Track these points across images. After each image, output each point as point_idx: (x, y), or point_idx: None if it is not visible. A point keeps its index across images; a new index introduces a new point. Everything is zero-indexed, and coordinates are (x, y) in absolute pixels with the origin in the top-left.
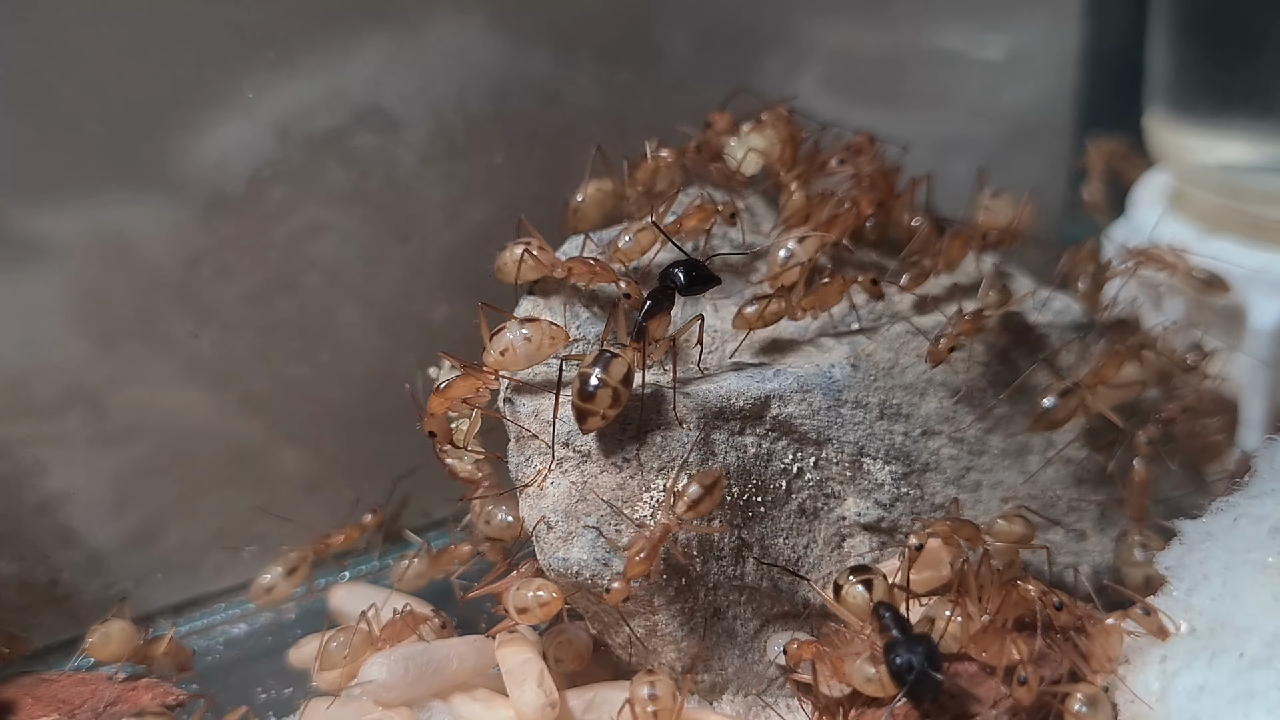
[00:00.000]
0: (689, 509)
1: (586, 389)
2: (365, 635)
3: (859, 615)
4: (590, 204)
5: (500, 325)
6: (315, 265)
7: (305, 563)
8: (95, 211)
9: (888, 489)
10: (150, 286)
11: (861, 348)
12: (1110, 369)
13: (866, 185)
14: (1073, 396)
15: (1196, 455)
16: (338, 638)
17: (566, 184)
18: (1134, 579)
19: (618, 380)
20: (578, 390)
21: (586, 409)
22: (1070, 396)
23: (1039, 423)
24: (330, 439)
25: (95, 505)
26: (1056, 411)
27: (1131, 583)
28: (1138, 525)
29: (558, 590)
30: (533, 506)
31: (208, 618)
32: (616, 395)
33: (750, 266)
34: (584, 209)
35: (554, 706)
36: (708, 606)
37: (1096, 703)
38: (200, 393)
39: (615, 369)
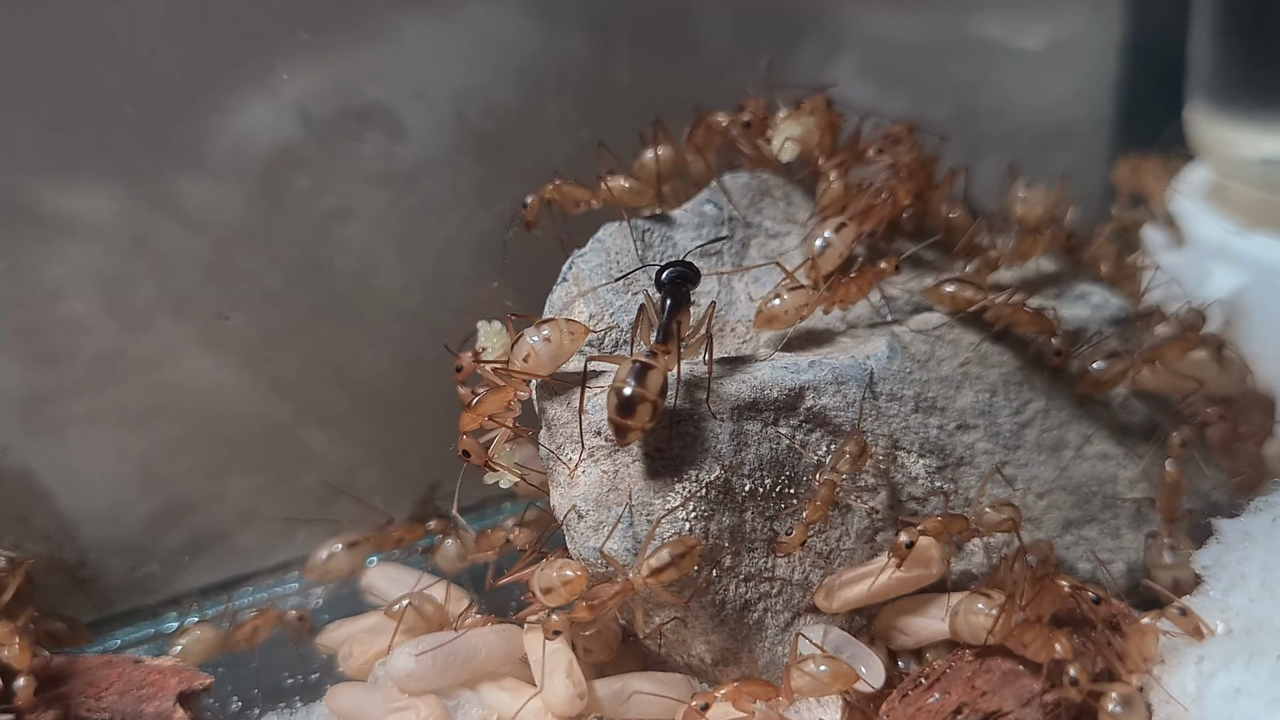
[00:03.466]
0: (652, 574)
1: (624, 404)
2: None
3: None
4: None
5: (519, 334)
6: (346, 247)
7: (366, 544)
8: (126, 191)
9: (922, 482)
10: (180, 267)
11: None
12: (1173, 351)
13: (904, 175)
14: (1121, 363)
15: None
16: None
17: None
18: (1163, 581)
19: (655, 393)
20: (615, 406)
21: (625, 425)
22: (1119, 362)
23: (1083, 382)
24: (360, 422)
25: (123, 486)
26: (1103, 374)
27: (1160, 586)
28: (1168, 527)
29: (582, 568)
30: (564, 495)
31: (236, 600)
32: (655, 407)
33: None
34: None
35: (582, 697)
36: (738, 599)
37: (1131, 703)
38: (230, 374)
39: (652, 381)
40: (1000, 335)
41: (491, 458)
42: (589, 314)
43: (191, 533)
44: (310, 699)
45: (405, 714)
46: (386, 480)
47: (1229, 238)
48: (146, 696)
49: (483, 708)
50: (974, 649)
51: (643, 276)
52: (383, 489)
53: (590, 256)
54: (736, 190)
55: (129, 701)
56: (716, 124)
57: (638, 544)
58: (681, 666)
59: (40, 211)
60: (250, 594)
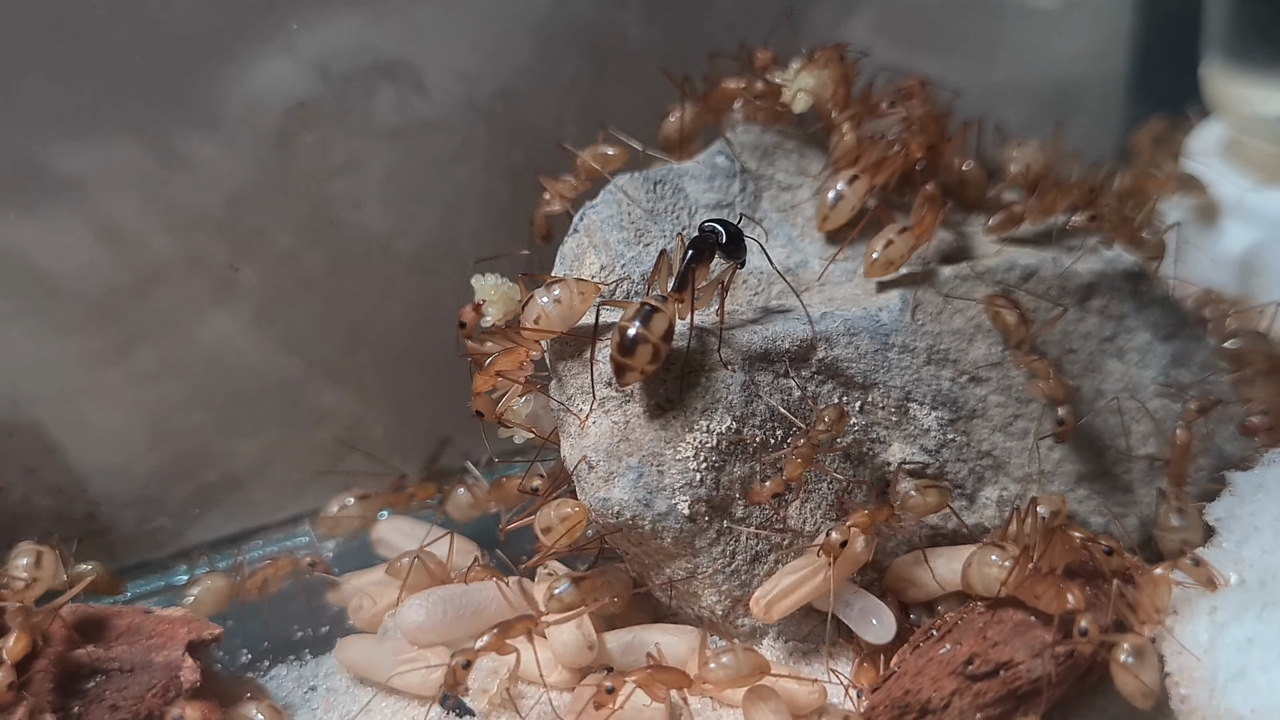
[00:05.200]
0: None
1: (626, 344)
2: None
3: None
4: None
5: (530, 294)
6: (357, 203)
7: (377, 498)
8: (136, 146)
9: (934, 435)
10: (192, 222)
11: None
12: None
13: (917, 129)
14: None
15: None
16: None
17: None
18: (1168, 545)
19: (659, 336)
20: (617, 344)
21: (625, 364)
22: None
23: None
24: (371, 377)
25: (133, 440)
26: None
27: (1166, 548)
28: (1175, 491)
29: (580, 505)
30: (574, 446)
31: (246, 554)
32: (656, 351)
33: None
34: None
35: (592, 648)
36: (748, 550)
37: (1143, 654)
38: (241, 329)
39: (656, 324)
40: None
41: (504, 414)
42: (600, 265)
43: (202, 486)
44: (320, 651)
45: (415, 665)
46: (398, 435)
47: (1245, 194)
48: (156, 646)
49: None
50: (986, 601)
51: (653, 228)
52: (394, 444)
53: (602, 207)
54: (749, 143)
55: (138, 651)
56: (730, 90)
57: (649, 494)
58: (692, 618)
59: (52, 168)
60: (260, 548)
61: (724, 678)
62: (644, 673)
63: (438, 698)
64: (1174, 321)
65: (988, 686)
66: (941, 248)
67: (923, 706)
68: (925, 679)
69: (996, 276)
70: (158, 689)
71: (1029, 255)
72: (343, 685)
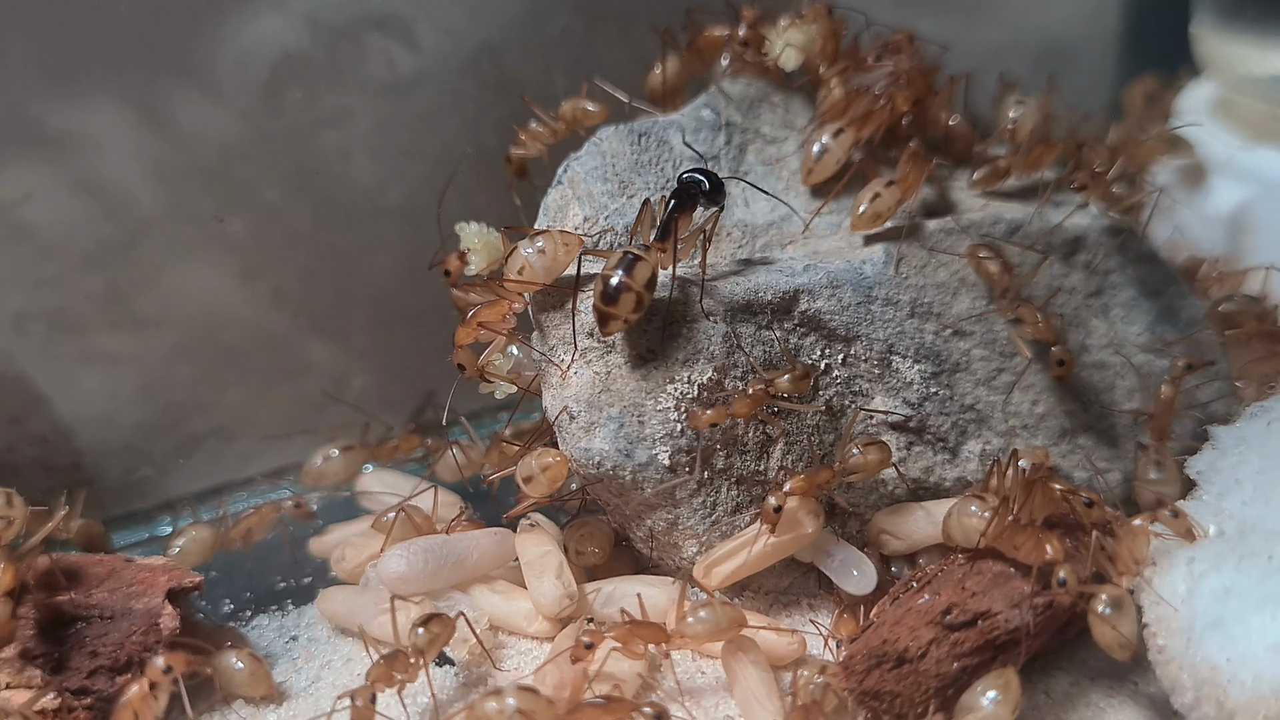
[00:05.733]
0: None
1: (609, 292)
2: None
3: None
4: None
5: (513, 246)
6: (345, 156)
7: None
8: (124, 100)
9: (916, 388)
10: (179, 175)
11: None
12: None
13: (904, 83)
14: None
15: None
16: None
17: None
18: (1145, 497)
19: (641, 284)
20: (600, 293)
21: (609, 313)
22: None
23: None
24: (357, 331)
25: (118, 391)
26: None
27: (1142, 501)
28: (1157, 445)
29: (561, 454)
30: (555, 396)
31: (230, 506)
32: (639, 300)
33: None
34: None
35: (572, 599)
36: (729, 501)
37: (1121, 605)
38: (228, 282)
39: (639, 272)
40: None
41: (486, 368)
42: (584, 216)
43: (187, 438)
44: (302, 602)
45: None
46: (383, 389)
47: (1235, 152)
48: (136, 594)
49: (474, 609)
50: (966, 553)
51: (637, 180)
52: (379, 398)
53: (586, 159)
54: (735, 95)
55: (119, 598)
56: (714, 38)
57: (630, 444)
58: (673, 569)
59: (40, 123)
60: (245, 499)
61: (701, 632)
62: (622, 628)
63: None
64: (1160, 278)
65: (965, 636)
66: (927, 202)
67: (900, 655)
68: (903, 629)
69: (982, 230)
70: (137, 635)
71: (1015, 210)
72: (324, 635)
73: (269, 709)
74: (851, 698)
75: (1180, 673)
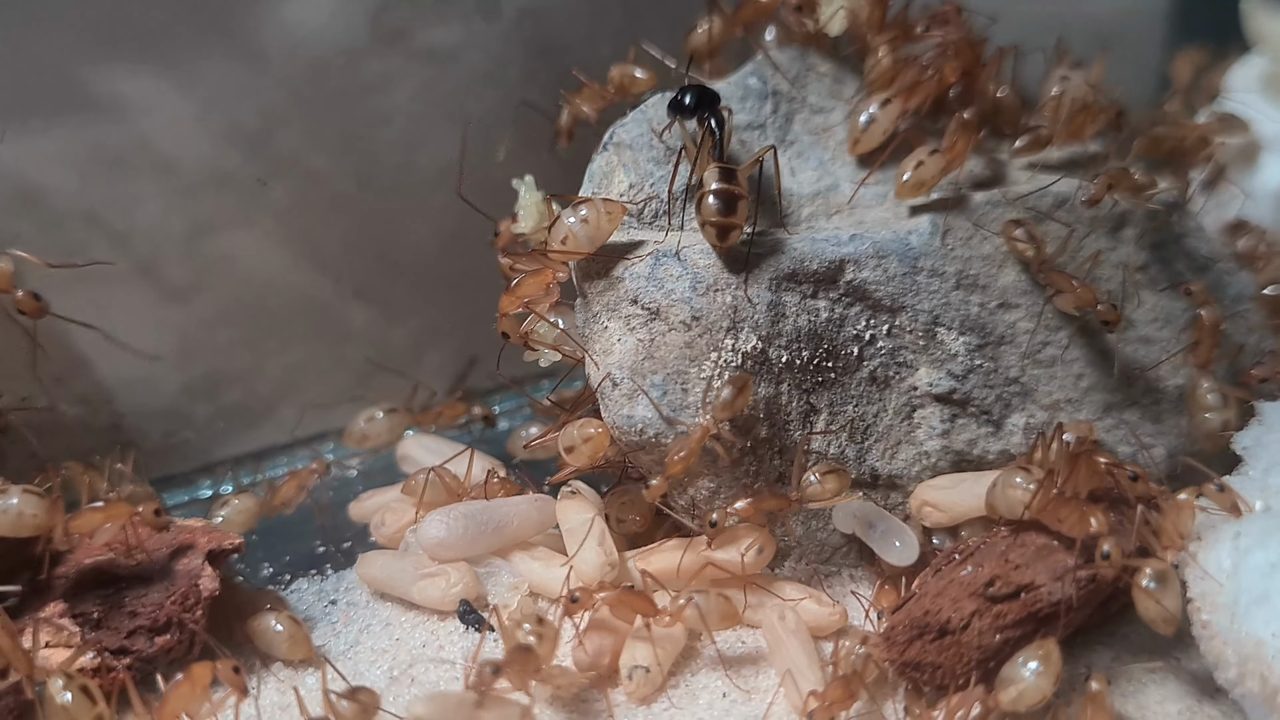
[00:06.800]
0: (724, 410)
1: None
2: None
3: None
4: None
5: (556, 215)
6: (388, 121)
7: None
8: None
9: (961, 360)
10: (223, 140)
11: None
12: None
13: (952, 54)
14: None
15: None
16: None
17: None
18: (1210, 427)
19: (745, 189)
20: (717, 208)
21: (730, 223)
22: None
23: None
24: (399, 297)
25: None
26: None
27: (1206, 431)
28: (1203, 373)
29: (602, 425)
30: (599, 364)
31: (269, 471)
32: (747, 205)
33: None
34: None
35: (613, 566)
36: (772, 471)
37: (1165, 579)
38: (271, 248)
39: (741, 177)
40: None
41: (530, 336)
42: (629, 183)
43: (228, 402)
44: (341, 567)
45: (435, 580)
46: (425, 355)
47: None
48: (176, 555)
49: (514, 576)
50: (1009, 525)
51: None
52: (421, 364)
53: (632, 126)
54: (782, 64)
55: (159, 558)
56: (763, 2)
57: (671, 412)
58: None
59: (90, 90)
60: (285, 464)
61: (691, 618)
62: (615, 594)
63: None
64: (1208, 253)
65: (1008, 608)
66: (974, 174)
67: (942, 626)
68: (945, 600)
69: (1029, 203)
70: (177, 597)
71: (1062, 183)
72: (363, 599)
73: (308, 672)
74: (892, 668)
75: (1224, 648)
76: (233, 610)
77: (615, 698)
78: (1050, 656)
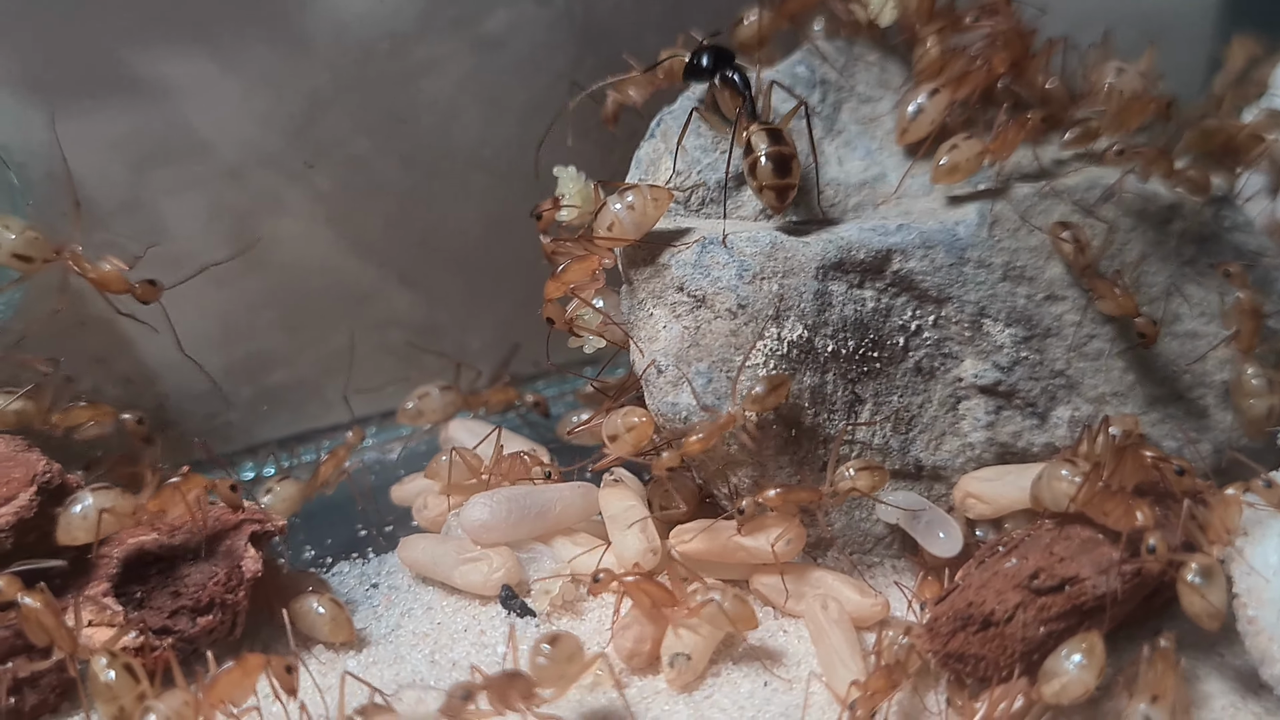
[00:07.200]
0: (754, 403)
1: (782, 163)
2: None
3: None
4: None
5: (602, 202)
6: (433, 106)
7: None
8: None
9: (1007, 352)
10: (269, 124)
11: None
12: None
13: (1001, 44)
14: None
15: None
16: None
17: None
18: (1255, 413)
19: (794, 148)
20: (772, 170)
21: (787, 184)
22: None
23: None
24: (442, 282)
25: (204, 336)
26: None
27: (1251, 417)
28: (1247, 357)
29: (646, 414)
30: (644, 350)
31: (310, 454)
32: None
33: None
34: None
35: (655, 553)
36: (817, 460)
37: (1211, 574)
38: (315, 232)
39: (787, 137)
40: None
41: (574, 321)
42: (676, 170)
43: (271, 385)
44: (383, 550)
45: (477, 564)
46: (468, 341)
47: None
48: (219, 536)
49: (555, 561)
50: (1054, 518)
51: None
52: (464, 350)
53: (680, 113)
54: (831, 54)
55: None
56: None
57: (718, 400)
58: None
59: (135, 74)
60: (326, 448)
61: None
62: (636, 578)
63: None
64: (1255, 247)
65: (1052, 601)
66: (1022, 165)
67: (986, 618)
68: (989, 591)
69: (1076, 196)
70: (220, 577)
71: (1110, 175)
72: (404, 583)
73: (348, 654)
74: (935, 659)
75: (1270, 644)
76: (275, 592)
77: (656, 685)
78: (1094, 650)
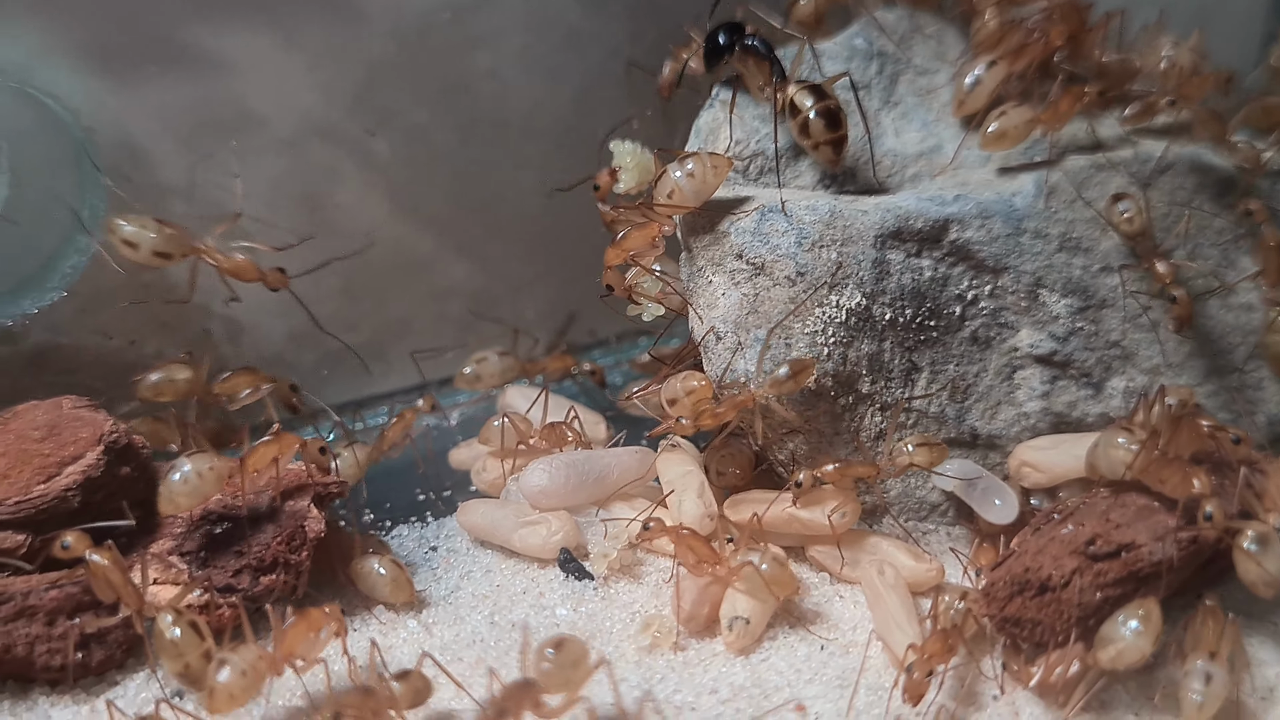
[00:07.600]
0: (774, 386)
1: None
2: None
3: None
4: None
5: (662, 169)
6: (492, 76)
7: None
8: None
9: (1063, 322)
10: (329, 95)
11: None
12: None
13: (1058, 17)
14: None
15: None
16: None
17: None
18: None
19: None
20: (823, 126)
21: (840, 136)
22: None
23: None
24: (500, 251)
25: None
26: None
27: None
28: (1276, 293)
29: (705, 379)
30: (703, 317)
31: (371, 419)
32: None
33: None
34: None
35: (712, 519)
36: (873, 427)
37: (1267, 542)
38: (373, 202)
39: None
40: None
41: (634, 289)
42: (735, 139)
43: (331, 351)
44: (442, 514)
45: (536, 528)
46: (525, 309)
47: None
48: (284, 496)
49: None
50: (1109, 485)
51: None
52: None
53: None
54: (888, 26)
55: (265, 497)
56: None
57: (776, 367)
58: None
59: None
60: (386, 414)
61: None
62: (682, 534)
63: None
64: None
65: (1109, 567)
66: (1078, 138)
67: (1043, 583)
68: (1046, 557)
69: (1131, 169)
70: (283, 537)
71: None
72: (463, 546)
73: (409, 615)
74: (992, 624)
75: None
76: (336, 553)
77: (714, 648)
78: (1151, 616)
